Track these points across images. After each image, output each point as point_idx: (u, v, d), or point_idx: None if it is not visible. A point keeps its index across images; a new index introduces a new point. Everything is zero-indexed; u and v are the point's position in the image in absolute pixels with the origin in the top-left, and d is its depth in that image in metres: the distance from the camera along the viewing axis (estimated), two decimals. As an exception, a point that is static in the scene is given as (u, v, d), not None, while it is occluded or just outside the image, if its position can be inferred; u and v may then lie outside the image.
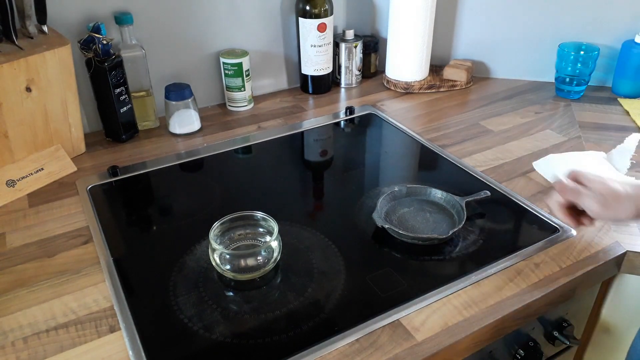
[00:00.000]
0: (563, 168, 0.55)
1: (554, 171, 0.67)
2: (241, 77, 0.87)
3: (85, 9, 0.75)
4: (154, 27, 0.81)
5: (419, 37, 0.92)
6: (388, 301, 0.50)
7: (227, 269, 0.53)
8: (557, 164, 0.68)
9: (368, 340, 0.46)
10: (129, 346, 0.46)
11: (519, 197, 0.65)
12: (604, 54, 0.91)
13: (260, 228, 0.57)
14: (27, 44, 0.67)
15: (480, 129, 0.83)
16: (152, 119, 0.84)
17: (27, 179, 0.68)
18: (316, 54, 0.92)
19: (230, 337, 0.47)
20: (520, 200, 0.65)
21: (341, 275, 0.54)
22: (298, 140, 0.84)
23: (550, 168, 0.69)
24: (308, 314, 0.49)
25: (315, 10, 0.89)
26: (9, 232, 0.61)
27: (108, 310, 0.50)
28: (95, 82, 0.75)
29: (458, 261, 0.56)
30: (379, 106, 0.92)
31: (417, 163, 0.78)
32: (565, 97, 0.92)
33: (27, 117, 0.67)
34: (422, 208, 0.64)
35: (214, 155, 0.77)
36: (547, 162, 0.70)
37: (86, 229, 0.61)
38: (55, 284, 0.53)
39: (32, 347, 0.46)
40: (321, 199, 0.71)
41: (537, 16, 0.93)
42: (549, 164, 0.70)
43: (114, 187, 0.70)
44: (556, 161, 0.69)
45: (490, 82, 1.00)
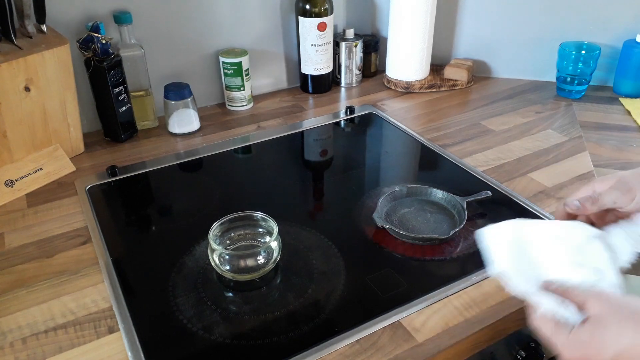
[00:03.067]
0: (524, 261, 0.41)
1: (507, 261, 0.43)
2: (241, 76, 0.87)
3: (84, 8, 0.75)
4: (153, 27, 0.81)
5: (420, 36, 0.91)
6: (388, 302, 0.50)
7: (226, 270, 0.53)
8: (515, 244, 0.43)
9: (368, 341, 0.46)
10: (128, 347, 0.46)
11: (520, 197, 0.65)
12: (605, 53, 0.90)
13: (260, 228, 0.57)
14: (26, 44, 0.67)
15: (481, 128, 0.83)
16: (151, 118, 0.84)
17: (26, 179, 0.68)
18: (316, 53, 0.91)
19: (229, 338, 0.47)
20: (521, 200, 0.65)
21: (341, 276, 0.53)
22: (298, 140, 0.83)
23: (502, 242, 0.44)
24: (308, 314, 0.49)
25: (315, 9, 0.88)
26: (8, 232, 0.61)
27: (107, 311, 0.50)
28: (94, 82, 0.74)
29: (459, 261, 0.56)
30: (379, 106, 0.91)
31: (418, 163, 0.78)
32: (566, 97, 0.92)
33: (26, 117, 0.67)
34: (422, 208, 0.63)
35: (213, 155, 0.77)
36: (497, 239, 0.44)
37: (85, 229, 0.61)
38: (54, 284, 0.53)
39: (31, 347, 0.46)
40: (321, 199, 0.70)
41: (538, 15, 0.93)
42: (500, 242, 0.44)
43: (112, 187, 0.70)
44: (513, 239, 0.44)
45: (491, 82, 1.00)
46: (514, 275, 0.42)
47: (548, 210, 0.62)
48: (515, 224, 0.45)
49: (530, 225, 0.45)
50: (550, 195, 0.66)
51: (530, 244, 0.44)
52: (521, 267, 0.42)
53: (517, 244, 0.44)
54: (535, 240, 0.44)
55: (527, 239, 0.44)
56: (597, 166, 0.72)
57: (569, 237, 0.44)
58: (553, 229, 0.45)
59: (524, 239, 0.44)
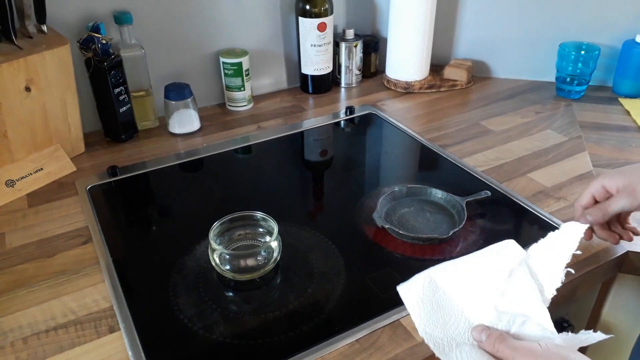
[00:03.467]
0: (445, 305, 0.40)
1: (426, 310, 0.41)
2: (241, 76, 0.87)
3: (85, 8, 0.75)
4: (153, 27, 0.81)
5: (419, 36, 0.92)
6: (388, 301, 0.50)
7: (226, 269, 0.53)
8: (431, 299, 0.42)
9: (368, 341, 0.46)
10: (129, 346, 0.46)
11: (520, 197, 0.65)
12: (605, 53, 0.90)
13: (260, 228, 0.57)
14: (27, 44, 0.67)
15: (481, 128, 0.83)
16: (152, 118, 0.84)
17: (27, 179, 0.68)
18: (316, 54, 0.92)
19: (230, 337, 0.47)
20: (521, 200, 0.65)
21: (341, 276, 0.54)
22: (298, 140, 0.83)
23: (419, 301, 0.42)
24: (308, 314, 0.49)
25: (315, 9, 0.88)
26: (9, 232, 0.61)
27: (107, 311, 0.50)
28: (94, 82, 0.75)
29: (458, 261, 0.56)
30: (379, 106, 0.91)
31: (418, 163, 0.78)
32: (565, 97, 0.92)
33: (27, 117, 0.67)
34: (422, 208, 0.63)
35: (213, 155, 0.77)
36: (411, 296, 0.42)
37: (85, 229, 0.61)
38: (55, 284, 0.53)
39: (32, 347, 0.46)
40: (321, 199, 0.71)
41: (538, 16, 0.93)
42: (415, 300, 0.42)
43: (113, 187, 0.70)
44: (427, 294, 0.42)
45: (490, 82, 1.00)
46: (435, 336, 0.40)
47: (547, 210, 0.63)
48: (428, 274, 0.43)
49: (444, 272, 0.43)
50: (550, 195, 0.66)
51: (447, 296, 0.42)
52: (441, 325, 0.41)
53: (432, 298, 0.42)
54: (452, 289, 0.42)
55: (442, 291, 0.42)
56: (597, 166, 0.72)
57: (490, 275, 0.42)
58: (471, 270, 0.43)
59: (439, 291, 0.42)
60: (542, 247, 0.45)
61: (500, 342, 0.38)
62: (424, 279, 0.43)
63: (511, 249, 0.44)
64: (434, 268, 0.44)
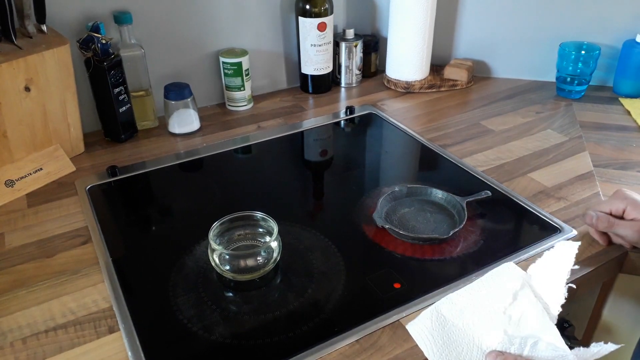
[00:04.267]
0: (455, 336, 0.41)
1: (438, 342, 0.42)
2: (241, 76, 0.87)
3: (84, 8, 0.75)
4: (153, 27, 0.81)
5: (420, 36, 0.91)
6: (388, 302, 0.50)
7: (226, 270, 0.53)
8: (440, 333, 0.43)
9: (368, 341, 0.46)
10: (128, 347, 0.46)
11: (520, 197, 0.65)
12: (605, 53, 0.90)
13: (260, 228, 0.57)
14: (26, 44, 0.67)
15: (481, 128, 0.83)
16: (152, 118, 0.84)
17: (26, 179, 0.68)
18: (316, 54, 0.91)
19: (229, 338, 0.47)
20: (521, 200, 0.65)
21: (341, 276, 0.53)
22: (298, 140, 0.83)
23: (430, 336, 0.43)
24: (308, 314, 0.49)
25: (315, 9, 0.88)
26: (8, 232, 0.61)
27: (107, 311, 0.50)
28: (94, 82, 0.74)
29: (459, 261, 0.56)
30: (379, 106, 0.91)
31: (418, 163, 0.78)
32: (566, 97, 0.92)
33: (26, 117, 0.67)
34: (422, 208, 0.63)
35: (213, 155, 0.77)
36: (421, 333, 0.43)
37: (85, 229, 0.61)
38: (54, 284, 0.53)
39: (31, 347, 0.46)
40: (321, 199, 0.70)
41: (538, 15, 0.93)
42: (425, 336, 0.43)
43: (113, 187, 0.70)
44: (436, 328, 0.43)
45: (491, 82, 0.99)
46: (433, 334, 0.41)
47: (548, 210, 0.62)
48: (434, 309, 0.44)
49: (450, 304, 0.44)
50: (550, 195, 0.66)
51: (456, 327, 0.43)
52: (455, 357, 0.41)
53: (442, 331, 0.43)
54: (460, 320, 0.43)
55: (451, 323, 0.43)
56: (597, 166, 0.72)
57: (495, 301, 0.43)
58: (476, 298, 0.44)
59: (448, 324, 0.43)
60: (540, 267, 0.46)
61: None
62: (432, 314, 0.44)
63: (511, 272, 0.46)
64: (440, 302, 0.45)
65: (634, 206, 0.52)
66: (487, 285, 0.45)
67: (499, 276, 0.46)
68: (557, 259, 0.46)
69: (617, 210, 0.54)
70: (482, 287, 0.45)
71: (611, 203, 0.54)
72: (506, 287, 0.44)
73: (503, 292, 0.44)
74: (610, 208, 0.54)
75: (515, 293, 0.43)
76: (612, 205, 0.54)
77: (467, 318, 0.43)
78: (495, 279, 0.46)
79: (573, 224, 0.60)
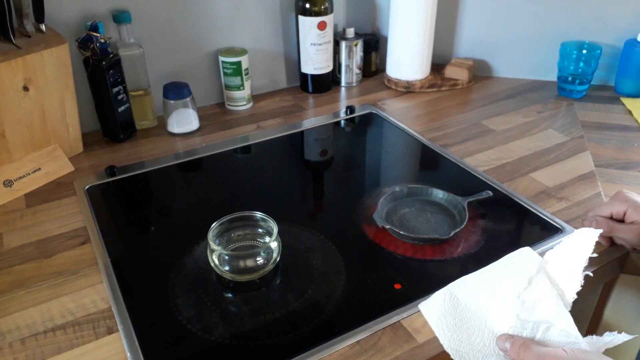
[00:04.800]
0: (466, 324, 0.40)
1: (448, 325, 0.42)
2: (240, 76, 0.86)
3: (83, 7, 0.75)
4: (152, 26, 0.81)
5: (420, 35, 0.91)
6: (389, 302, 0.50)
7: (226, 270, 0.52)
8: (453, 314, 0.42)
9: (369, 342, 0.46)
10: (127, 348, 0.45)
11: (521, 197, 0.65)
12: (607, 53, 0.90)
13: (260, 229, 0.57)
14: (25, 43, 0.66)
15: (482, 128, 0.83)
16: (151, 118, 0.83)
17: (25, 179, 0.68)
18: (316, 53, 0.91)
19: (229, 339, 0.47)
20: (523, 200, 0.64)
21: (341, 277, 0.53)
22: (298, 139, 0.83)
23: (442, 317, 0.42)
24: (308, 315, 0.49)
25: (315, 8, 0.88)
26: (7, 232, 0.60)
27: (106, 312, 0.49)
28: (93, 81, 0.74)
29: (460, 262, 0.55)
30: (379, 105, 0.91)
31: (418, 163, 0.78)
32: (567, 97, 0.92)
33: (25, 117, 0.67)
34: (423, 208, 0.63)
35: (212, 155, 0.77)
36: (433, 313, 0.43)
37: (84, 230, 0.61)
38: (53, 284, 0.53)
39: (30, 348, 0.46)
40: (321, 199, 0.70)
41: (539, 14, 0.93)
42: (437, 317, 0.43)
43: (111, 187, 0.70)
44: (449, 309, 0.43)
45: (492, 81, 0.99)
46: (461, 350, 0.41)
47: (549, 210, 0.62)
48: (447, 290, 0.43)
49: (464, 286, 0.44)
50: (552, 195, 0.65)
51: (469, 309, 0.42)
52: (466, 339, 0.41)
53: (454, 312, 0.42)
54: (473, 302, 0.42)
55: (464, 304, 0.43)
56: (599, 166, 0.71)
57: (509, 284, 0.43)
58: (490, 281, 0.43)
59: (461, 305, 0.43)
60: (558, 253, 0.45)
61: (525, 349, 0.38)
62: (444, 295, 0.43)
63: (528, 257, 0.45)
64: (453, 283, 0.44)
65: (635, 209, 0.52)
66: (502, 269, 0.44)
67: (515, 260, 0.45)
68: (575, 246, 0.45)
69: (617, 213, 0.54)
70: (497, 270, 0.45)
71: (612, 205, 0.54)
72: (521, 272, 0.43)
73: (518, 276, 0.43)
74: (611, 211, 0.54)
75: (530, 278, 0.43)
76: (612, 207, 0.54)
77: (480, 301, 0.42)
78: (511, 263, 0.45)
79: (574, 224, 0.60)
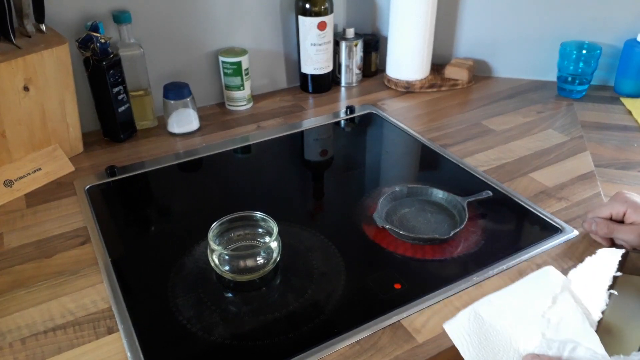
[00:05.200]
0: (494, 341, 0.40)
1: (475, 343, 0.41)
2: (240, 76, 0.86)
3: (84, 7, 0.75)
4: (152, 26, 0.81)
5: (420, 35, 0.91)
6: (389, 302, 0.50)
7: (226, 270, 0.52)
8: (478, 333, 0.42)
9: (369, 342, 0.46)
10: (127, 348, 0.45)
11: (521, 197, 0.65)
12: (606, 53, 0.90)
13: (260, 228, 0.57)
14: (25, 43, 0.66)
15: (482, 128, 0.83)
16: (151, 118, 0.83)
17: (25, 179, 0.68)
18: (316, 53, 0.91)
19: (229, 338, 0.47)
20: (522, 200, 0.64)
21: (341, 277, 0.53)
22: (298, 139, 0.83)
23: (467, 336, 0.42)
24: (308, 315, 0.49)
25: (315, 8, 0.88)
26: (7, 232, 0.60)
27: (106, 312, 0.49)
28: (93, 81, 0.74)
29: (459, 262, 0.55)
30: (379, 105, 0.91)
31: (418, 163, 0.78)
32: (567, 97, 0.92)
33: (25, 117, 0.67)
34: (423, 208, 0.63)
35: (212, 155, 0.77)
36: (463, 327, 0.43)
37: (84, 230, 0.61)
38: (53, 284, 0.53)
39: (30, 348, 0.46)
40: (321, 199, 0.70)
41: (539, 15, 0.93)
42: (463, 336, 0.42)
43: (112, 187, 0.70)
44: (474, 328, 0.42)
45: (492, 81, 0.99)
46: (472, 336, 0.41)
47: (549, 211, 0.62)
48: (472, 309, 0.43)
49: (488, 305, 0.43)
50: (551, 195, 0.65)
51: (493, 328, 0.42)
52: (491, 358, 0.41)
53: (479, 331, 0.42)
54: (498, 321, 0.42)
55: (489, 323, 0.42)
56: (598, 166, 0.71)
57: (534, 303, 0.43)
58: (514, 300, 0.43)
59: (485, 325, 0.42)
60: (582, 272, 0.46)
61: None
62: (469, 314, 0.43)
63: (551, 276, 0.45)
64: (478, 302, 0.44)
65: (635, 209, 0.52)
66: (526, 288, 0.45)
67: (539, 279, 0.45)
68: (598, 265, 0.46)
69: (617, 214, 0.54)
70: (520, 289, 0.45)
71: (611, 206, 0.54)
72: (545, 291, 0.44)
73: (542, 295, 0.43)
74: (611, 212, 0.54)
75: (554, 297, 0.43)
76: (612, 208, 0.54)
77: (505, 320, 0.42)
78: (535, 282, 0.45)
79: (574, 224, 0.60)
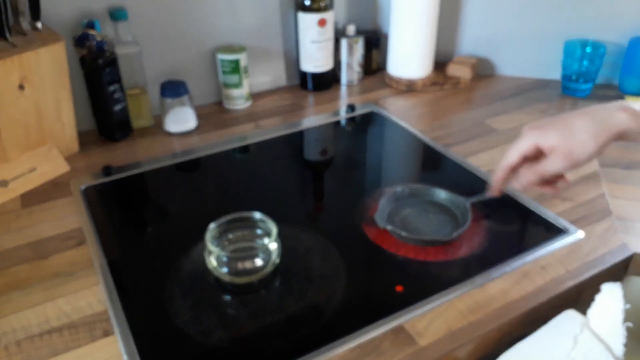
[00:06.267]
0: None
1: None
2: (238, 74, 0.86)
3: (80, 5, 0.74)
4: (149, 23, 0.80)
5: (422, 32, 0.90)
6: (390, 305, 0.49)
7: (224, 272, 0.52)
8: None
9: (370, 346, 0.45)
10: (124, 351, 0.45)
11: (525, 198, 0.64)
12: (611, 51, 0.89)
13: (259, 229, 0.56)
14: (21, 41, 0.66)
15: (485, 127, 0.82)
16: (147, 117, 0.83)
17: (20, 179, 0.67)
18: (316, 50, 0.90)
19: (227, 342, 0.46)
20: (526, 201, 0.64)
21: (342, 279, 0.53)
22: (297, 139, 0.83)
23: None
24: (308, 318, 0.48)
25: (315, 4, 0.87)
26: (1, 233, 0.60)
27: (102, 314, 0.49)
28: (89, 80, 0.74)
29: (462, 264, 0.55)
30: (380, 104, 0.90)
31: (420, 163, 0.77)
32: (571, 95, 0.91)
33: (20, 116, 0.66)
34: (425, 209, 0.62)
35: (210, 154, 0.76)
36: None
37: (80, 231, 0.60)
38: (49, 286, 0.52)
39: (26, 351, 0.45)
40: (321, 199, 0.70)
41: (543, 12, 0.92)
42: None
43: (108, 188, 0.69)
44: None
45: (495, 80, 0.98)
46: None
47: (553, 211, 0.62)
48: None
49: (517, 353, 0.45)
50: (556, 196, 0.65)
51: None
52: None
53: None
54: None
55: None
56: (603, 166, 0.71)
57: (557, 348, 0.43)
58: (537, 348, 0.44)
59: None
60: (596, 309, 0.47)
61: None
62: None
63: (570, 318, 0.47)
64: (504, 355, 0.45)
65: (544, 133, 0.47)
66: (547, 334, 0.46)
67: (558, 324, 0.46)
68: (609, 300, 0.47)
69: (529, 149, 0.48)
70: (542, 336, 0.45)
71: (519, 146, 0.49)
72: (566, 333, 0.45)
73: (564, 337, 0.44)
74: (522, 151, 0.49)
75: (575, 337, 0.44)
76: (521, 147, 0.48)
77: None
78: (554, 326, 0.46)
79: (579, 225, 0.59)
